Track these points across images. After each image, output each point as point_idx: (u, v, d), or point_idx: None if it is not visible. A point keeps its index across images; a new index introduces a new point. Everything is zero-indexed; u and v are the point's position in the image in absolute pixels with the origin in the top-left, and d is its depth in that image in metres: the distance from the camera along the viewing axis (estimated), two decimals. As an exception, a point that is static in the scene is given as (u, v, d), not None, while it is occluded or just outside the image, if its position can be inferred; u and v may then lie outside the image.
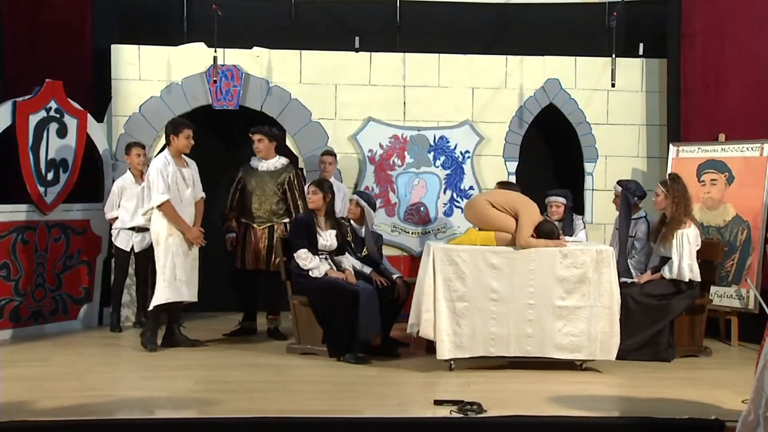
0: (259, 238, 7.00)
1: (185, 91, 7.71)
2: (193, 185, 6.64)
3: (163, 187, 6.41)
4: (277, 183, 6.97)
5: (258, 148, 7.02)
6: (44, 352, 6.48)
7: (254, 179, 7.03)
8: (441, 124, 7.94)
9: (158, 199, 6.41)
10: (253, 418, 4.77)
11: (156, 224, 6.50)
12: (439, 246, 6.02)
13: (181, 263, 6.48)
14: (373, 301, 6.25)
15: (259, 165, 7.07)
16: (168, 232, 6.47)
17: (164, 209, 6.42)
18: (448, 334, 5.90)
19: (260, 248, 6.99)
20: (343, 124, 7.87)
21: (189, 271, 6.55)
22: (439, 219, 7.93)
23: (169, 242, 6.46)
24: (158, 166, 6.45)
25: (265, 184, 6.98)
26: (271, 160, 7.05)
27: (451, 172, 7.95)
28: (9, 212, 6.90)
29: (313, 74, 7.82)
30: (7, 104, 6.86)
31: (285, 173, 7.01)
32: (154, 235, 6.53)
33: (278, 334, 6.99)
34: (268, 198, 6.98)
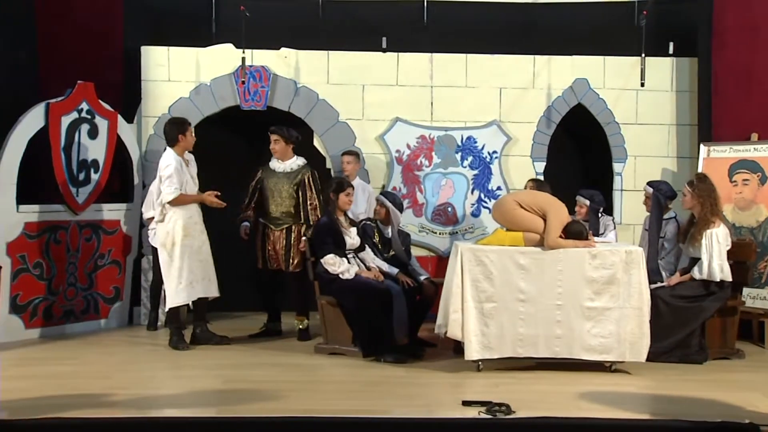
0: (277, 239, 7.00)
1: (214, 92, 7.75)
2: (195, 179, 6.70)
3: (177, 182, 6.46)
4: (293, 184, 6.97)
5: (274, 149, 7.03)
6: (76, 350, 6.56)
7: (271, 181, 7.03)
8: (468, 125, 7.91)
9: (171, 194, 6.44)
10: (281, 417, 4.78)
11: (171, 224, 6.52)
12: (466, 246, 6.01)
13: (196, 264, 6.53)
14: (401, 301, 6.27)
15: (277, 166, 7.07)
16: (184, 233, 6.51)
17: (177, 200, 6.46)
18: (476, 335, 5.87)
19: (278, 249, 6.99)
20: (370, 125, 7.87)
21: (204, 268, 6.59)
22: (467, 219, 7.91)
23: (185, 243, 6.51)
24: (174, 163, 6.48)
25: (282, 185, 6.99)
26: (287, 162, 7.04)
27: (479, 173, 7.93)
28: (42, 212, 6.98)
29: (341, 75, 7.82)
30: (40, 106, 6.95)
31: (300, 174, 7.01)
32: (167, 236, 6.52)
33: (306, 335, 6.97)
34: (285, 200, 6.99)
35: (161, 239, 6.57)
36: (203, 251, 6.63)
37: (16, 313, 6.82)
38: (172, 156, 6.54)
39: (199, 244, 6.59)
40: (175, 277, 6.50)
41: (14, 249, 6.78)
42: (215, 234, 6.88)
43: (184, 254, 6.48)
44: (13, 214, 6.77)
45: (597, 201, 6.97)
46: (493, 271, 5.89)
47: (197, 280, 6.54)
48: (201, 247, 6.60)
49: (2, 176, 6.69)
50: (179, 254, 6.49)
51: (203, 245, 6.64)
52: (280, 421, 4.73)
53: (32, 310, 6.92)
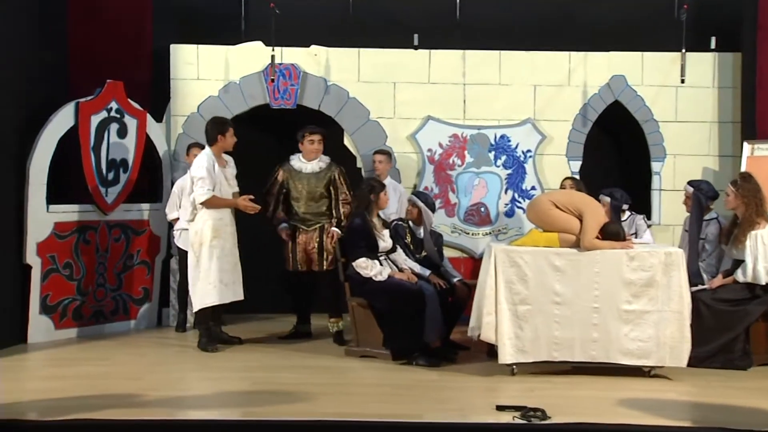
0: (309, 239, 7.00)
1: (243, 91, 7.79)
2: (232, 182, 6.73)
3: (209, 183, 6.48)
4: (324, 183, 6.97)
5: (317, 149, 7.02)
6: (105, 351, 6.63)
7: (300, 182, 7.02)
8: (502, 123, 7.89)
9: (203, 195, 6.47)
10: (310, 420, 4.78)
11: (200, 225, 6.56)
12: (500, 247, 5.98)
13: (225, 265, 6.56)
14: (435, 303, 6.25)
15: (302, 166, 7.05)
16: (213, 235, 6.53)
17: (209, 202, 6.50)
18: (510, 338, 5.85)
19: (311, 250, 6.98)
20: (401, 123, 7.87)
21: (233, 271, 6.62)
22: (501, 220, 7.89)
23: (214, 245, 6.53)
24: (205, 164, 6.52)
25: (313, 185, 6.99)
26: (313, 161, 7.05)
27: (513, 172, 7.90)
28: (71, 212, 7.06)
29: (372, 72, 7.83)
30: (69, 105, 7.03)
31: (330, 172, 7.01)
32: (196, 236, 6.56)
33: (341, 338, 6.92)
34: (317, 200, 6.99)
35: (190, 239, 6.62)
36: (233, 254, 6.65)
37: (46, 313, 6.91)
38: (206, 156, 6.58)
39: (230, 246, 6.62)
40: (203, 277, 6.53)
41: (44, 249, 6.86)
42: (241, 234, 6.89)
43: (213, 255, 6.51)
44: (43, 214, 6.86)
45: (618, 197, 6.87)
46: (528, 272, 5.87)
47: (228, 282, 6.56)
48: (231, 249, 6.63)
49: (33, 176, 6.78)
50: (207, 255, 6.52)
51: (233, 248, 6.66)
52: (309, 425, 4.73)
53: (62, 310, 7.01)
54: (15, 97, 6.69)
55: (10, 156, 6.68)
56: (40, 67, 7.02)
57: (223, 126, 6.63)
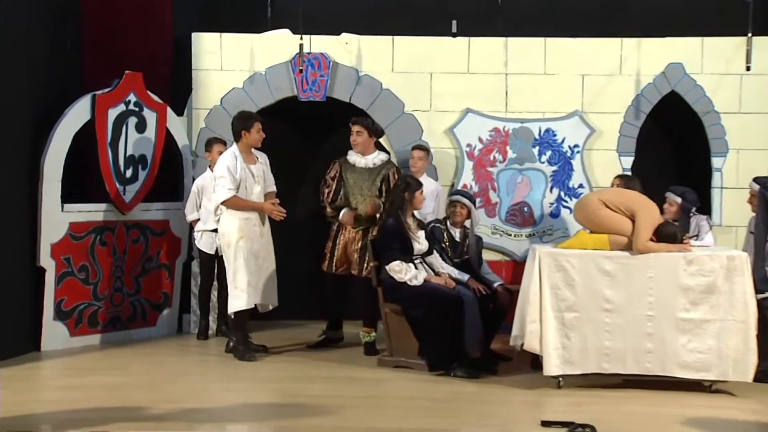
0: (351, 240, 7.00)
1: (269, 82, 7.82)
2: (263, 181, 6.75)
3: (230, 182, 6.52)
4: (377, 181, 6.96)
5: (355, 141, 7.02)
6: (123, 360, 6.68)
7: (352, 177, 7.04)
8: (547, 116, 7.85)
9: (224, 195, 6.52)
10: (342, 435, 4.80)
11: (226, 225, 6.61)
12: (545, 250, 5.97)
13: (253, 267, 6.59)
14: (474, 309, 6.26)
15: (357, 160, 7.07)
16: (239, 235, 6.57)
17: (230, 203, 6.54)
18: (555, 348, 5.84)
19: (352, 251, 6.97)
20: (438, 117, 7.86)
21: (264, 274, 6.65)
22: (545, 220, 7.85)
23: (240, 245, 6.57)
24: (226, 162, 6.57)
25: (364, 182, 6.99)
26: (369, 156, 7.04)
27: (559, 169, 7.85)
28: (87, 212, 7.12)
29: (406, 62, 7.83)
30: (85, 98, 7.08)
31: (384, 170, 7.00)
32: (223, 238, 6.64)
33: (372, 349, 6.92)
34: (366, 197, 6.98)
35: (221, 241, 6.71)
36: (262, 257, 6.68)
37: (61, 319, 6.98)
38: (229, 153, 6.63)
39: (258, 248, 6.65)
40: (231, 280, 6.59)
41: (59, 251, 6.93)
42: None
43: (239, 256, 6.56)
44: (57, 213, 6.93)
45: (690, 199, 6.82)
46: (575, 277, 5.85)
47: (253, 285, 6.59)
48: (260, 252, 6.66)
49: (47, 173, 6.85)
50: (233, 256, 6.58)
51: (263, 250, 6.69)
52: (341, 440, 4.75)
53: (77, 316, 7.08)
54: (28, 90, 6.76)
55: (22, 152, 6.76)
56: (54, 58, 7.10)
57: (246, 121, 6.68)
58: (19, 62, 6.64)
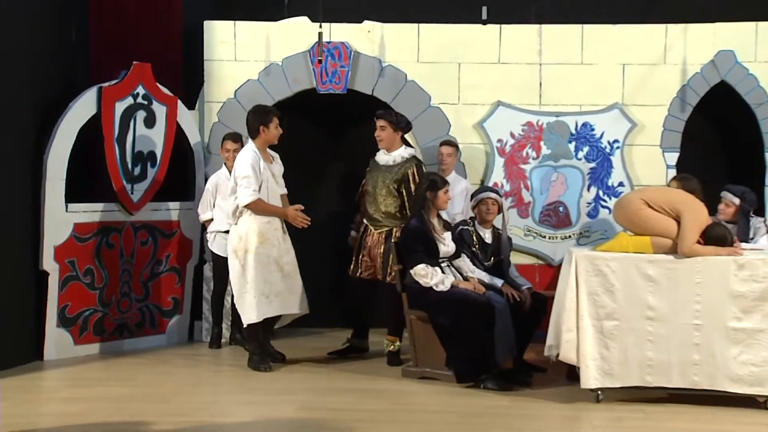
0: (374, 243, 6.98)
1: (286, 73, 7.82)
2: (280, 181, 6.76)
3: (254, 184, 6.51)
4: (394, 179, 6.94)
5: (379, 137, 7.00)
6: (130, 370, 6.70)
7: (374, 175, 7.02)
8: (584, 109, 7.82)
9: (248, 197, 6.50)
10: (364, 452, 4.79)
11: (244, 229, 6.59)
12: (582, 253, 5.94)
13: (271, 276, 6.58)
14: (506, 316, 6.24)
15: (381, 158, 7.04)
16: (259, 241, 6.55)
17: (253, 206, 6.53)
18: (594, 359, 5.81)
19: (375, 255, 6.97)
20: (467, 110, 7.85)
21: (284, 281, 6.65)
22: (582, 221, 7.83)
23: (260, 252, 6.55)
24: (249, 160, 6.55)
25: (383, 180, 6.97)
26: (393, 153, 7.01)
27: (597, 166, 7.82)
28: (93, 212, 7.14)
29: (433, 51, 7.82)
30: (91, 91, 7.10)
31: (404, 167, 6.96)
32: (240, 242, 6.59)
33: (396, 359, 6.90)
34: (384, 197, 6.96)
35: (233, 245, 6.65)
36: (284, 262, 6.67)
37: (65, 326, 7.00)
38: (250, 152, 6.61)
39: (280, 254, 6.63)
40: (246, 290, 6.57)
41: (63, 253, 6.96)
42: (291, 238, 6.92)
43: (258, 263, 6.53)
44: (61, 213, 6.95)
45: (749, 200, 6.75)
46: (615, 282, 5.82)
47: (274, 294, 6.58)
48: (281, 258, 6.64)
49: (50, 171, 6.88)
50: (252, 263, 6.54)
51: (285, 255, 6.68)
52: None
53: (82, 323, 7.10)
54: (30, 83, 6.79)
55: (24, 149, 6.79)
56: (58, 49, 7.13)
57: (265, 116, 6.67)
58: (21, 53, 6.67)
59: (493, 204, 6.75)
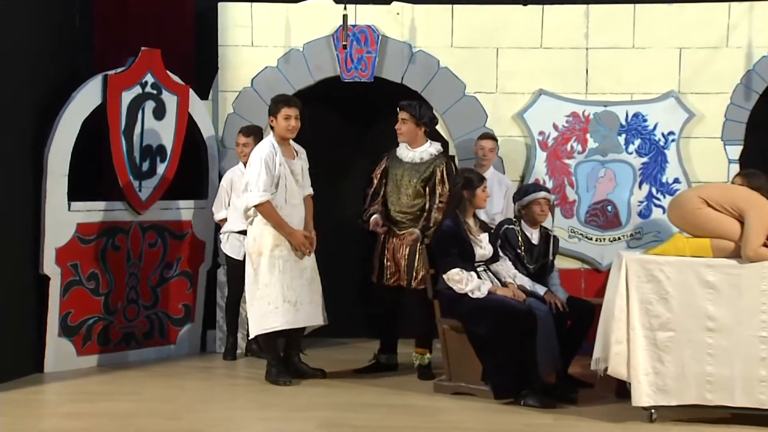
0: (398, 246, 6.96)
1: (307, 60, 7.83)
2: (303, 180, 6.76)
3: (266, 182, 6.51)
4: (422, 178, 6.91)
5: (399, 130, 6.99)
6: (137, 383, 6.72)
7: (396, 172, 7.01)
8: (636, 98, 7.78)
9: (257, 198, 6.51)
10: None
11: (259, 229, 6.60)
12: (633, 257, 5.91)
13: (292, 281, 6.58)
14: (549, 326, 6.22)
15: (404, 153, 7.03)
16: (275, 242, 6.56)
17: (261, 210, 6.53)
18: (647, 374, 5.76)
19: (399, 258, 6.95)
20: (506, 100, 7.83)
21: (307, 289, 6.65)
22: (633, 221, 7.79)
23: (276, 254, 6.55)
24: (263, 154, 6.55)
25: (407, 178, 6.95)
26: (418, 149, 6.99)
27: (650, 160, 7.77)
28: (98, 211, 7.17)
29: (468, 35, 7.81)
30: (96, 79, 7.12)
31: (433, 166, 6.93)
32: (254, 245, 6.61)
33: (427, 373, 6.90)
34: (409, 197, 6.95)
35: (248, 247, 6.69)
36: (304, 266, 6.67)
37: (67, 335, 7.03)
38: (265, 145, 6.64)
39: (297, 257, 6.64)
40: (261, 296, 6.57)
41: (65, 256, 6.98)
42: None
43: (275, 267, 6.54)
44: (64, 212, 6.98)
45: None
46: (670, 289, 5.79)
47: (298, 302, 6.58)
48: (299, 262, 6.65)
49: (52, 166, 6.90)
50: (267, 267, 6.55)
51: (305, 259, 6.68)
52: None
53: (86, 332, 7.13)
54: (30, 71, 6.81)
55: (24, 142, 6.81)
56: (60, 34, 7.16)
57: (274, 106, 6.72)
58: (19, 40, 6.69)
59: (546, 204, 6.74)
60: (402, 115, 6.97)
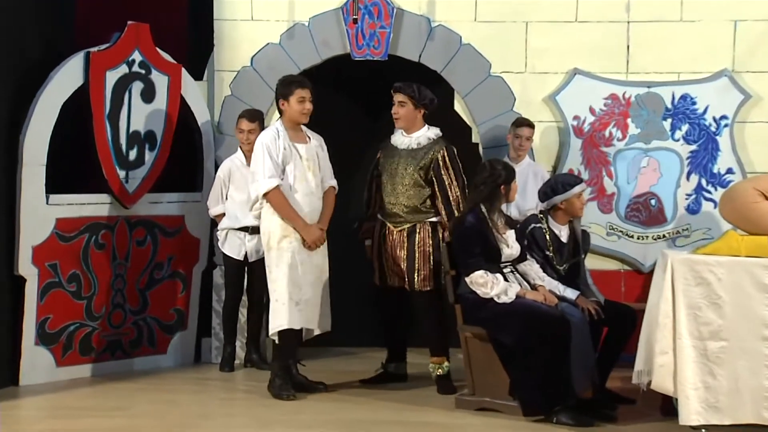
0: (397, 244, 6.97)
1: (314, 36, 7.82)
2: (318, 169, 6.76)
3: (271, 167, 6.53)
4: (420, 166, 6.93)
5: (396, 114, 7.00)
6: (124, 397, 6.71)
7: (391, 162, 7.04)
8: (684, 77, 7.77)
9: (263, 185, 6.54)
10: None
11: (267, 222, 6.64)
12: (680, 257, 5.87)
13: (302, 278, 6.61)
14: (584, 335, 6.20)
15: (398, 141, 7.07)
16: (282, 233, 6.59)
17: (271, 199, 6.55)
18: (696, 389, 5.71)
19: (398, 257, 6.96)
20: (536, 80, 7.83)
21: (313, 289, 6.68)
22: (680, 217, 7.77)
23: (284, 247, 6.58)
24: (264, 140, 6.61)
25: (402, 167, 6.97)
26: (414, 134, 7.01)
27: (699, 148, 7.76)
28: (80, 204, 7.17)
29: (494, 8, 7.81)
30: (77, 57, 7.12)
31: (432, 151, 6.95)
32: (264, 237, 6.68)
33: (447, 384, 6.93)
34: (406, 187, 6.95)
35: (263, 241, 6.76)
36: (315, 262, 6.70)
37: (45, 344, 7.02)
38: (268, 132, 6.68)
39: (308, 253, 6.67)
40: (270, 292, 6.65)
41: (43, 255, 6.97)
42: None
43: (281, 261, 6.58)
44: (41, 206, 6.97)
45: None
46: (722, 294, 5.74)
47: (301, 301, 6.62)
48: (310, 257, 6.67)
49: (28, 154, 6.88)
50: (275, 261, 6.61)
51: (315, 255, 6.71)
52: None
53: (66, 340, 7.12)
54: (3, 48, 6.78)
55: (-4, 127, 6.84)
56: (36, 6, 7.14)
57: (285, 88, 6.72)
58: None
59: (580, 195, 6.70)
60: (399, 98, 6.97)
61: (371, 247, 7.13)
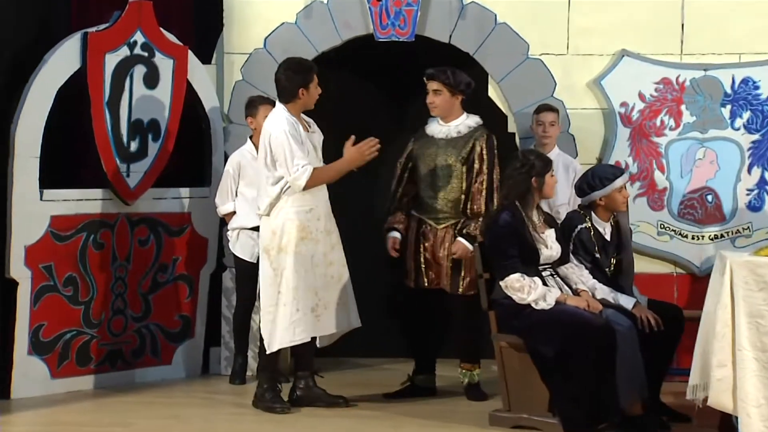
0: (439, 242, 6.99)
1: (333, 15, 7.84)
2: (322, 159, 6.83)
3: (300, 154, 6.52)
4: (461, 156, 6.97)
5: (432, 103, 7.04)
6: (125, 412, 6.72)
7: (428, 153, 7.07)
8: (745, 59, 7.76)
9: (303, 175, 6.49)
10: None
11: (281, 222, 6.62)
12: (740, 259, 5.83)
13: (319, 280, 6.63)
14: (633, 344, 6.16)
15: (436, 131, 7.10)
16: (300, 235, 6.59)
17: (314, 182, 6.56)
18: (758, 406, 5.65)
19: (440, 258, 6.97)
20: (579, 62, 7.85)
21: (332, 290, 6.68)
22: (741, 214, 7.75)
23: (301, 251, 6.58)
24: (285, 127, 6.56)
25: (442, 157, 7.01)
26: (453, 122, 7.05)
27: (762, 138, 7.75)
28: (77, 200, 7.20)
29: (533, -16, 7.85)
30: (74, 38, 7.14)
31: (472, 140, 7.00)
32: (273, 239, 6.63)
33: (478, 393, 6.96)
34: (450, 181, 7.00)
35: (265, 242, 6.71)
36: (330, 260, 6.71)
37: (39, 353, 7.05)
38: (283, 118, 6.63)
39: (324, 251, 6.68)
40: (281, 303, 6.59)
41: (36, 257, 7.00)
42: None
43: (299, 267, 6.56)
44: (35, 203, 7.00)
45: None
46: None
47: (319, 306, 6.62)
48: (326, 256, 6.69)
49: (20, 146, 6.91)
50: (292, 267, 6.57)
51: (331, 252, 6.73)
52: None
53: (61, 349, 7.14)
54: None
55: (-14, 117, 6.89)
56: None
57: (306, 75, 6.70)
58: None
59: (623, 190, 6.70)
60: (433, 86, 7.02)
61: (403, 245, 7.11)
